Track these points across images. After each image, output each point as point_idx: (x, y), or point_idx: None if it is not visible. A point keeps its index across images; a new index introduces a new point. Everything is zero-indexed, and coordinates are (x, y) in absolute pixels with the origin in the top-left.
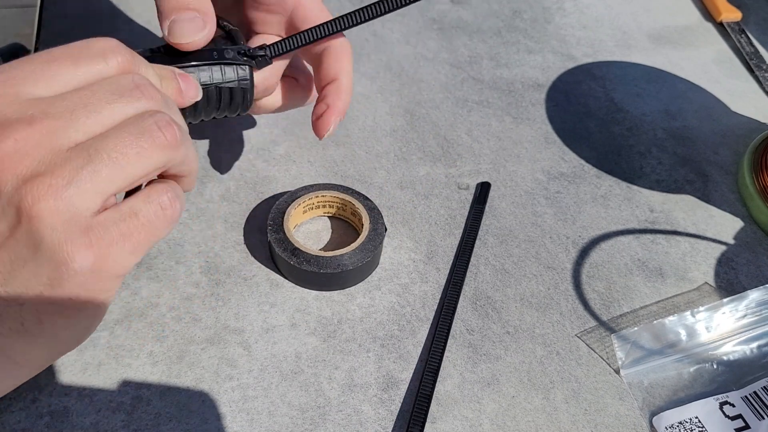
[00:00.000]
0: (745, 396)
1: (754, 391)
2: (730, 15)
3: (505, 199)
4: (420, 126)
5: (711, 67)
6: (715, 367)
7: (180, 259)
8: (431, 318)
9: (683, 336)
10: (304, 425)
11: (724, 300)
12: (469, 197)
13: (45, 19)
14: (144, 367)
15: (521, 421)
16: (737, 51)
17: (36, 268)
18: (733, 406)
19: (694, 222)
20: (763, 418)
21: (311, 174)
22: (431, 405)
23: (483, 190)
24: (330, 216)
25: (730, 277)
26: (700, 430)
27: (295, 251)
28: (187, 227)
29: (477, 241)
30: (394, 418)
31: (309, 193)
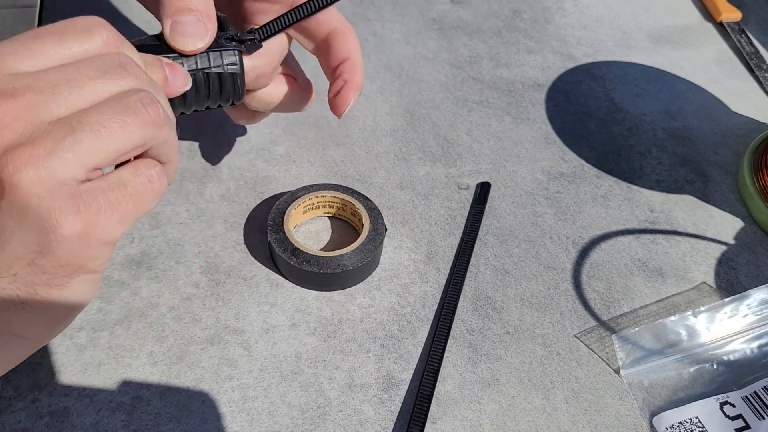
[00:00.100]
0: (746, 396)
1: (755, 391)
2: (730, 15)
3: (505, 199)
4: (420, 126)
5: (711, 67)
6: (715, 367)
7: (180, 259)
8: (431, 318)
9: (684, 336)
10: (304, 425)
11: (725, 300)
12: (469, 197)
13: (45, 19)
14: (144, 367)
15: (521, 421)
16: (737, 51)
17: (25, 236)
18: (733, 406)
19: (694, 222)
20: (764, 418)
21: (311, 174)
22: (431, 405)
23: (483, 190)
24: (330, 216)
25: (730, 277)
26: (701, 430)
27: (295, 251)
28: (187, 227)
29: (477, 241)
30: (395, 419)
31: (309, 193)
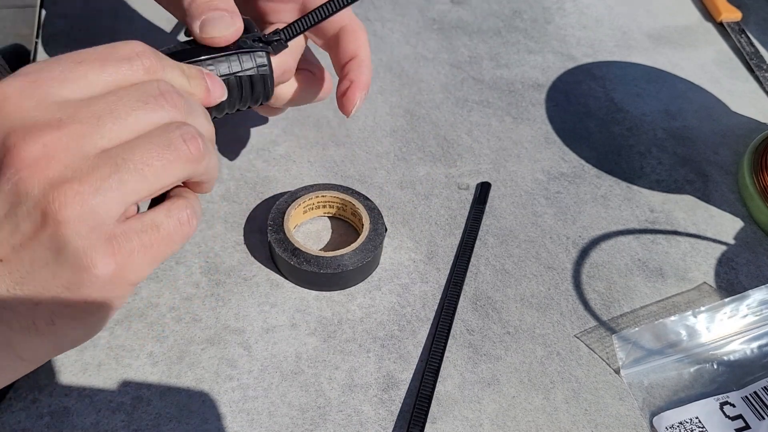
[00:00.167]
0: (746, 396)
1: (755, 392)
2: (730, 15)
3: (505, 199)
4: (420, 126)
5: (711, 67)
6: (715, 367)
7: (180, 259)
8: (431, 318)
9: (684, 336)
10: (304, 425)
11: (725, 300)
12: (469, 197)
13: (45, 19)
14: (144, 367)
15: (521, 421)
16: (737, 51)
17: (56, 270)
18: (733, 406)
19: (694, 222)
20: (764, 419)
21: (311, 174)
22: (431, 405)
23: (483, 190)
24: (330, 216)
25: (731, 277)
26: (701, 430)
27: (295, 251)
28: None
29: (477, 241)
30: (395, 419)
31: (309, 193)
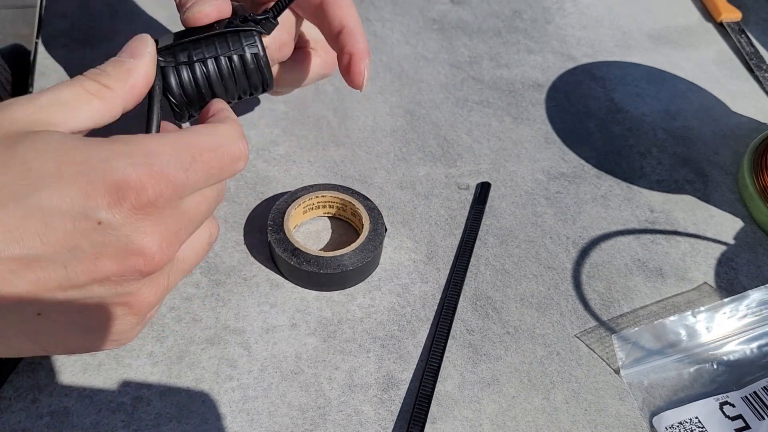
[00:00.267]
0: (745, 396)
1: (754, 392)
2: (730, 15)
3: (505, 199)
4: (420, 126)
5: (711, 67)
6: (715, 367)
7: None
8: (431, 318)
9: (684, 336)
10: (304, 425)
11: (725, 300)
12: (469, 197)
13: (45, 19)
14: (144, 367)
15: (521, 421)
16: (737, 51)
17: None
18: (733, 406)
19: (694, 222)
20: (763, 419)
21: (311, 174)
22: (431, 405)
23: (483, 190)
24: (330, 216)
25: (731, 277)
26: (701, 430)
27: (295, 251)
28: None
29: (477, 242)
30: (395, 419)
31: (309, 193)
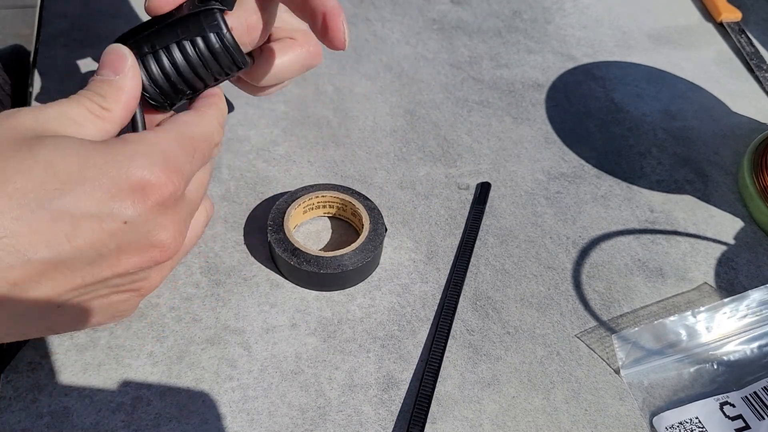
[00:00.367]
0: (746, 396)
1: (755, 392)
2: (730, 15)
3: (506, 199)
4: (420, 126)
5: (711, 67)
6: (715, 367)
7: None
8: (431, 318)
9: (684, 336)
10: (304, 425)
11: (725, 300)
12: (469, 197)
13: (45, 19)
14: (144, 367)
15: (521, 421)
16: (737, 51)
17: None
18: (733, 406)
19: (694, 222)
20: (764, 419)
21: (311, 174)
22: (431, 405)
23: (483, 191)
24: (330, 216)
25: (731, 277)
26: (701, 430)
27: (295, 251)
28: None
29: (477, 242)
30: (395, 419)
31: (309, 193)
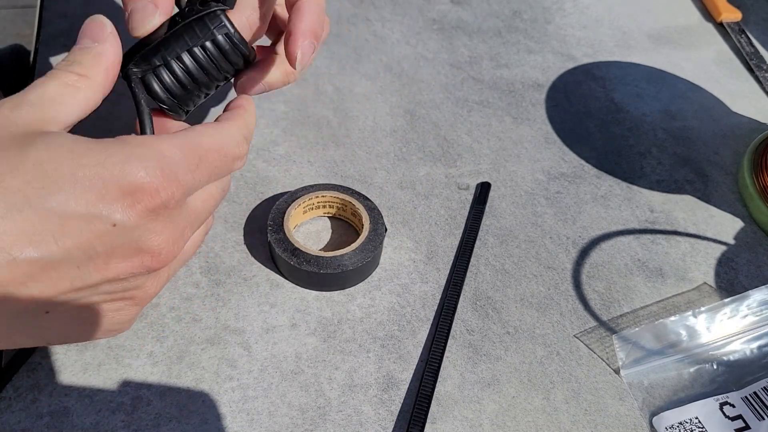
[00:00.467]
0: (745, 396)
1: (754, 392)
2: (730, 15)
3: (505, 199)
4: (420, 126)
5: (711, 67)
6: (715, 367)
7: None
8: (431, 318)
9: (684, 336)
10: (304, 425)
11: (725, 300)
12: (469, 197)
13: (45, 19)
14: (144, 367)
15: (521, 421)
16: (737, 51)
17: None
18: (733, 406)
19: (694, 222)
20: (763, 419)
21: (311, 174)
22: (431, 405)
23: (483, 191)
24: (330, 216)
25: (731, 278)
26: (700, 430)
27: (295, 251)
28: None
29: (477, 242)
30: (395, 419)
31: (309, 193)
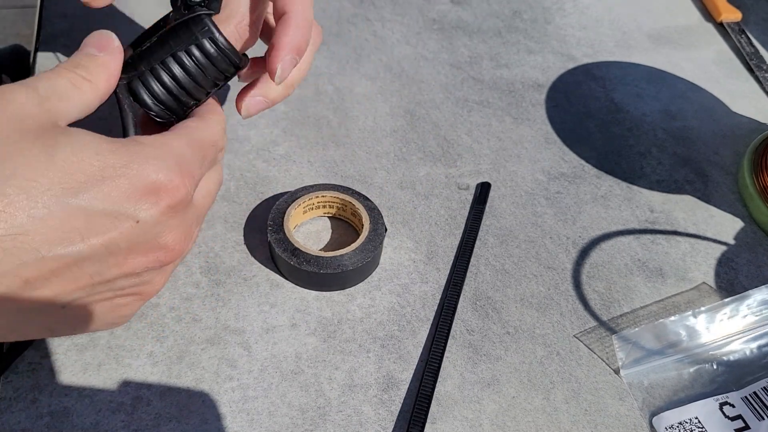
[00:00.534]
0: (745, 396)
1: (754, 392)
2: (730, 15)
3: (506, 199)
4: (420, 126)
5: (711, 67)
6: (715, 367)
7: None
8: (431, 318)
9: (684, 336)
10: (304, 425)
11: (725, 300)
12: (469, 197)
13: (45, 19)
14: (144, 367)
15: (521, 421)
16: (737, 51)
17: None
18: (733, 406)
19: (694, 222)
20: (763, 419)
21: (311, 174)
22: (431, 405)
23: (483, 191)
24: (330, 216)
25: (731, 278)
26: (700, 430)
27: (295, 251)
28: None
29: (477, 242)
30: (395, 419)
31: (309, 193)
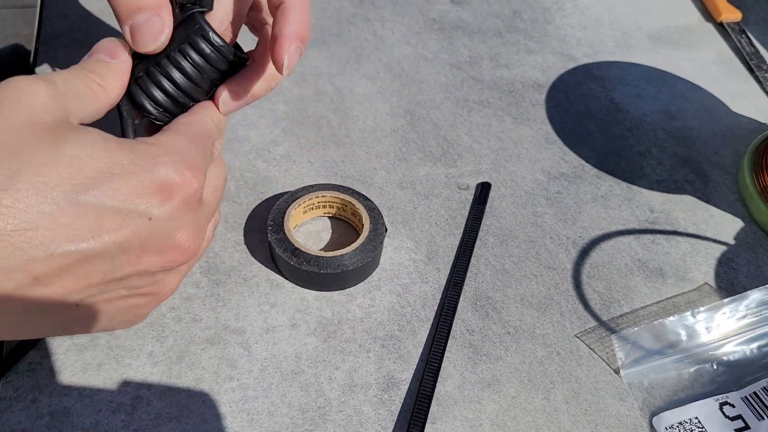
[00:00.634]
0: (745, 396)
1: (754, 392)
2: (730, 15)
3: (506, 199)
4: (420, 126)
5: (711, 67)
6: (715, 367)
7: None
8: (431, 318)
9: (683, 336)
10: (304, 425)
11: (725, 300)
12: (470, 197)
13: (45, 19)
14: (144, 367)
15: (521, 421)
16: (737, 51)
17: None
18: (733, 406)
19: (694, 222)
20: (763, 419)
21: (311, 174)
22: (431, 405)
23: (483, 191)
24: (330, 216)
25: (731, 278)
26: (700, 430)
27: (295, 251)
28: None
29: (477, 242)
30: (395, 419)
31: (309, 193)
